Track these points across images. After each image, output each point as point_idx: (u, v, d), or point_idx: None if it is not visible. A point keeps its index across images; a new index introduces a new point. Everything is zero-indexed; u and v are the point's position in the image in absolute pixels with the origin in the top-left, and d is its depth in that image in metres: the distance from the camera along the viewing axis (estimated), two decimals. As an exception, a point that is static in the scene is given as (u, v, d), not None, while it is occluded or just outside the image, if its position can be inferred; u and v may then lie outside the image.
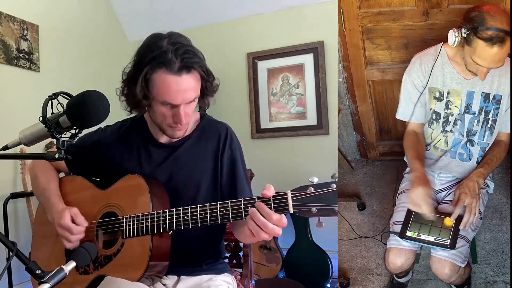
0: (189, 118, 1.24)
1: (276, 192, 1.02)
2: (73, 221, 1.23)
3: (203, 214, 1.09)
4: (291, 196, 0.98)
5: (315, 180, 0.98)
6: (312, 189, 0.97)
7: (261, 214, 0.99)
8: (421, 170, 1.54)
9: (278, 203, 0.99)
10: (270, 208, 0.99)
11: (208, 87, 1.25)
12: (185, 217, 1.11)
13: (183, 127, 1.24)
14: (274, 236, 3.14)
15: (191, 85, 1.17)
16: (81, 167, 1.38)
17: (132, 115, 1.42)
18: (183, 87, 1.15)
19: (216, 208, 1.07)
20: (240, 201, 1.05)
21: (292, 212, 0.98)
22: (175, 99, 1.16)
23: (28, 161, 2.58)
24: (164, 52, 1.13)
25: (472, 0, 1.65)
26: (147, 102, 1.18)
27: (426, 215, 1.49)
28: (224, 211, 1.06)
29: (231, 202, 1.06)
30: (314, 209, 0.96)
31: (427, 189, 1.48)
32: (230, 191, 1.28)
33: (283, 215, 1.00)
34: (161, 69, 1.13)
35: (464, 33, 1.42)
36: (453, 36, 1.45)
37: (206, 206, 1.09)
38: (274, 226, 0.99)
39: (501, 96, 1.54)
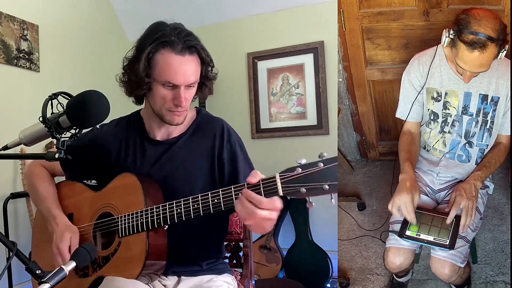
0: (188, 103, 1.24)
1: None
2: (69, 250, 1.23)
3: (196, 205, 1.09)
4: (280, 178, 0.98)
5: (303, 161, 0.98)
6: (300, 169, 0.96)
7: (250, 201, 0.98)
8: (411, 173, 1.53)
9: (267, 187, 0.99)
10: (260, 193, 0.99)
11: (208, 73, 1.27)
12: (178, 209, 1.11)
13: (182, 112, 1.23)
14: (274, 236, 3.12)
15: (193, 67, 1.20)
16: (77, 167, 1.36)
17: (128, 114, 1.42)
18: (185, 67, 1.17)
19: (208, 198, 1.07)
20: (231, 188, 1.05)
21: (282, 194, 0.98)
22: (177, 79, 1.17)
23: (28, 161, 2.58)
24: (167, 34, 1.17)
25: (472, 0, 1.65)
26: (149, 80, 1.18)
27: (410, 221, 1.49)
28: (215, 200, 1.06)
29: (221, 191, 1.06)
30: (303, 190, 0.95)
31: (413, 196, 1.47)
32: (232, 183, 1.27)
33: (274, 197, 0.98)
34: (164, 48, 1.16)
35: (451, 34, 1.43)
36: (444, 36, 1.46)
37: (198, 196, 1.09)
38: (265, 211, 0.97)
39: (499, 98, 1.54)
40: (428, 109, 1.66)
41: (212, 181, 1.29)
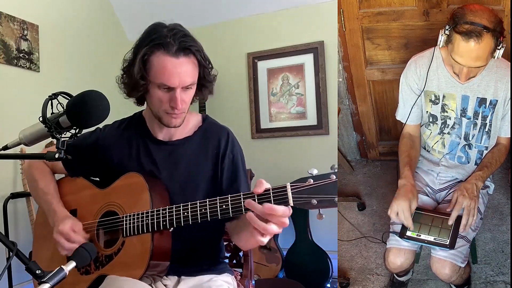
0: (186, 105, 1.23)
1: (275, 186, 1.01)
2: (73, 230, 1.23)
3: (203, 210, 1.09)
4: (291, 188, 0.98)
5: (315, 172, 0.97)
6: (312, 180, 0.96)
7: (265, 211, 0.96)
8: (410, 178, 1.53)
9: (277, 196, 0.99)
10: (269, 202, 0.98)
11: (206, 75, 1.25)
12: (185, 213, 1.11)
13: (179, 114, 1.22)
14: (274, 236, 3.11)
15: (188, 69, 1.18)
16: (79, 167, 1.36)
17: (130, 115, 1.42)
18: (180, 69, 1.16)
19: (216, 204, 1.07)
20: (240, 195, 1.05)
21: (292, 205, 0.97)
22: (171, 81, 1.16)
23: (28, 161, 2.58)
24: (162, 36, 1.15)
25: (472, 0, 1.65)
26: (144, 82, 1.18)
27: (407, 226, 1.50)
28: (224, 206, 1.06)
29: (230, 197, 1.06)
30: (314, 201, 0.95)
31: (410, 202, 1.47)
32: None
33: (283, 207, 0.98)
34: (159, 50, 1.15)
35: (447, 30, 1.42)
36: (440, 36, 1.45)
37: (206, 201, 1.09)
38: (275, 226, 0.98)
39: (497, 101, 1.53)
40: (427, 112, 1.66)
41: (215, 183, 1.29)
